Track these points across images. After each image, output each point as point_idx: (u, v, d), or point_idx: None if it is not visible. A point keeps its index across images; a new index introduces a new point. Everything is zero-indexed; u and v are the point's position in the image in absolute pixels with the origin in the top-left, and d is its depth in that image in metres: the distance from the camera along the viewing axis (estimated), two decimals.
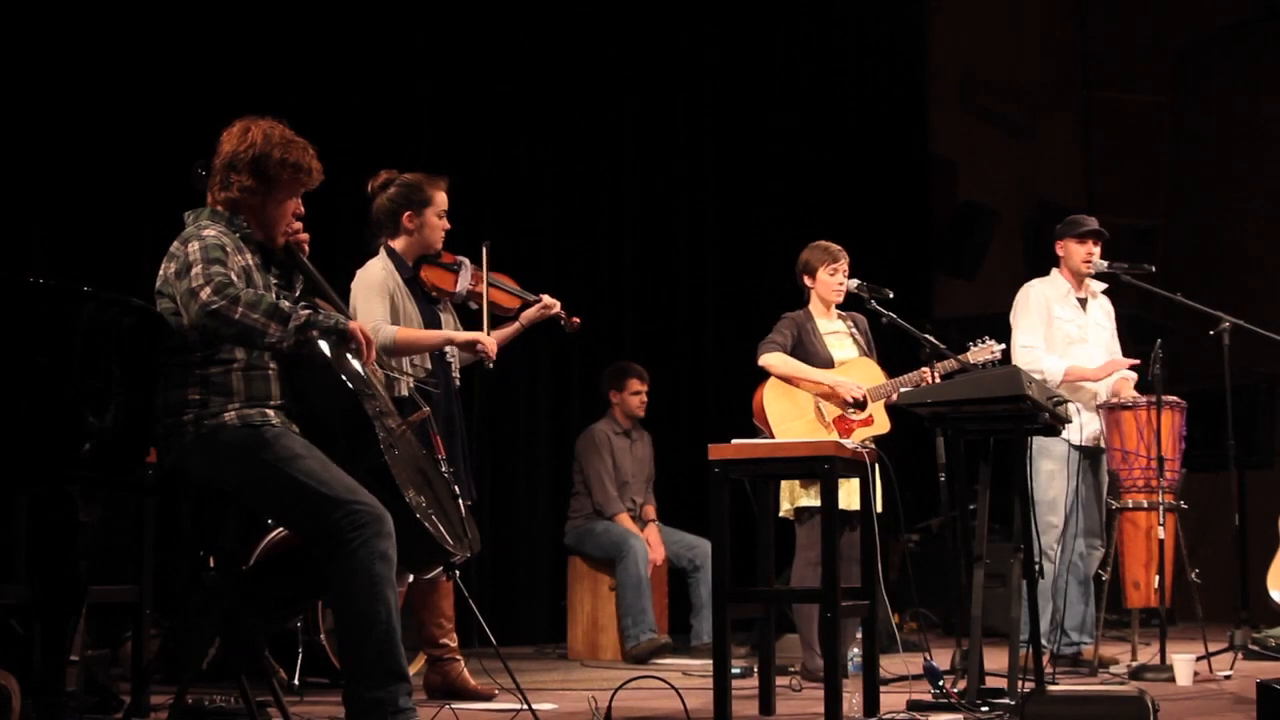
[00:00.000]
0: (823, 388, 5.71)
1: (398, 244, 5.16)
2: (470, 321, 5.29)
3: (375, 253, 5.18)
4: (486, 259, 5.19)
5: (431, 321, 5.15)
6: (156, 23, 6.36)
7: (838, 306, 5.99)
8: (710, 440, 4.51)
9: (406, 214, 5.13)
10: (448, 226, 5.19)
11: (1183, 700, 5.01)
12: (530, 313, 5.26)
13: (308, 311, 3.64)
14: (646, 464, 7.62)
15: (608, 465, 7.40)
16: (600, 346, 8.41)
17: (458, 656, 5.24)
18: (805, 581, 5.59)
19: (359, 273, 5.10)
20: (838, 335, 5.92)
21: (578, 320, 5.39)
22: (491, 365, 5.02)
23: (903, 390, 5.45)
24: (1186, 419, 6.18)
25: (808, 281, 5.94)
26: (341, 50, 7.23)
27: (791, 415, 5.71)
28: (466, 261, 5.21)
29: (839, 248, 5.94)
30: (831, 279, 5.88)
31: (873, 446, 4.78)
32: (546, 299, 5.28)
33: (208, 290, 3.54)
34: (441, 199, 5.17)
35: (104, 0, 6.18)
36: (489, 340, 4.99)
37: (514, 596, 8.08)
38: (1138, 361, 6.34)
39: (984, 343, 5.81)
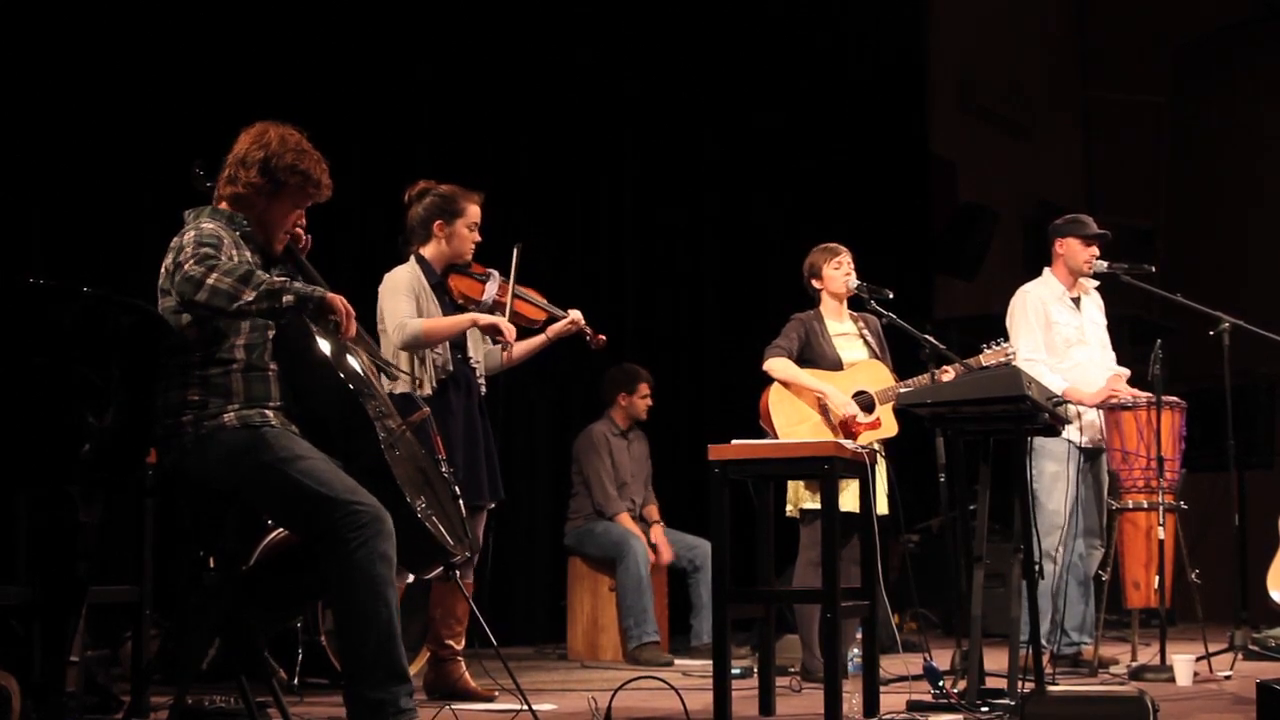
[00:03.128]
0: (820, 394, 5.72)
1: (427, 251, 5.29)
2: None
3: (405, 260, 5.29)
4: (516, 261, 5.27)
5: None
6: (157, 22, 6.35)
7: (849, 307, 5.99)
8: (710, 440, 4.51)
9: (438, 222, 5.26)
10: (478, 239, 5.32)
11: (1183, 701, 5.01)
12: (557, 327, 5.35)
13: (283, 279, 3.63)
14: (644, 463, 7.62)
15: (607, 465, 7.40)
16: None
17: (460, 658, 5.25)
18: (806, 582, 5.59)
19: (386, 276, 5.23)
20: (848, 337, 5.92)
21: (604, 338, 5.47)
22: (509, 351, 5.23)
23: (903, 391, 5.46)
24: (1186, 419, 6.18)
25: (815, 284, 5.95)
26: (341, 52, 7.22)
27: (797, 419, 5.71)
28: (495, 274, 5.32)
29: (839, 245, 5.98)
30: (837, 272, 5.90)
31: (877, 448, 4.78)
32: (573, 314, 5.36)
33: (191, 263, 3.57)
34: (474, 212, 5.30)
35: (105, 0, 6.18)
36: (509, 325, 5.10)
37: (514, 597, 8.08)
38: (1129, 373, 6.34)
39: (997, 345, 5.80)
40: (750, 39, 9.89)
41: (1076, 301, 6.46)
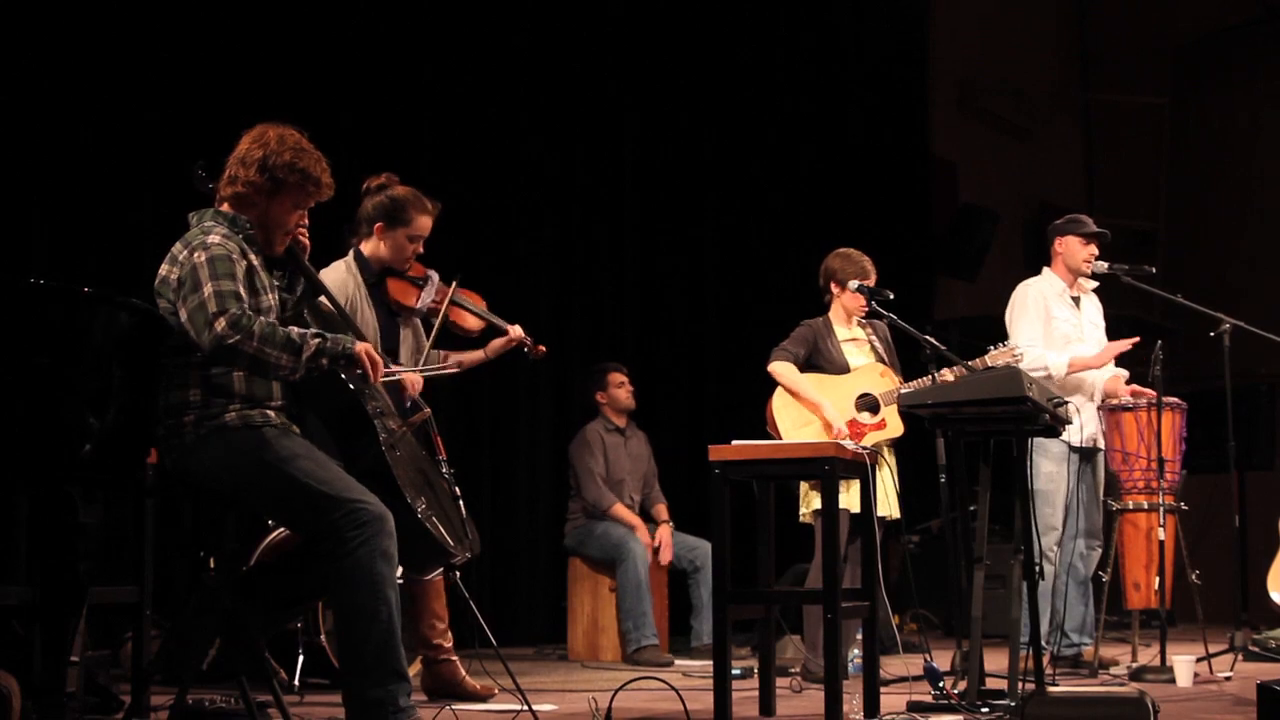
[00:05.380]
0: (816, 408, 5.71)
1: (366, 248, 5.11)
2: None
3: (346, 252, 5.13)
4: (454, 291, 5.16)
5: (390, 331, 5.08)
6: (157, 22, 6.36)
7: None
8: (710, 441, 4.51)
9: (379, 225, 5.05)
10: (418, 250, 5.09)
11: (1183, 702, 5.01)
12: (496, 344, 5.26)
13: (318, 340, 3.63)
14: (644, 461, 7.61)
15: (598, 462, 7.40)
16: (601, 347, 8.41)
17: (453, 657, 5.23)
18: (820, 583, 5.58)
19: (322, 272, 4.96)
20: (855, 343, 5.91)
21: (543, 348, 5.38)
22: (410, 402, 4.51)
23: (903, 392, 5.46)
24: (1187, 420, 6.18)
25: (835, 289, 5.92)
26: (342, 54, 7.23)
27: (801, 423, 5.71)
28: (435, 276, 5.15)
29: (869, 261, 5.90)
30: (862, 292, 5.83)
31: (873, 449, 4.78)
32: (513, 331, 5.25)
33: (223, 323, 3.53)
34: (421, 225, 5.05)
35: (106, 1, 6.18)
36: (416, 380, 4.65)
37: (514, 597, 8.08)
38: (1137, 340, 6.29)
39: (1004, 345, 5.78)
40: (750, 40, 9.89)
41: (1076, 301, 6.46)
